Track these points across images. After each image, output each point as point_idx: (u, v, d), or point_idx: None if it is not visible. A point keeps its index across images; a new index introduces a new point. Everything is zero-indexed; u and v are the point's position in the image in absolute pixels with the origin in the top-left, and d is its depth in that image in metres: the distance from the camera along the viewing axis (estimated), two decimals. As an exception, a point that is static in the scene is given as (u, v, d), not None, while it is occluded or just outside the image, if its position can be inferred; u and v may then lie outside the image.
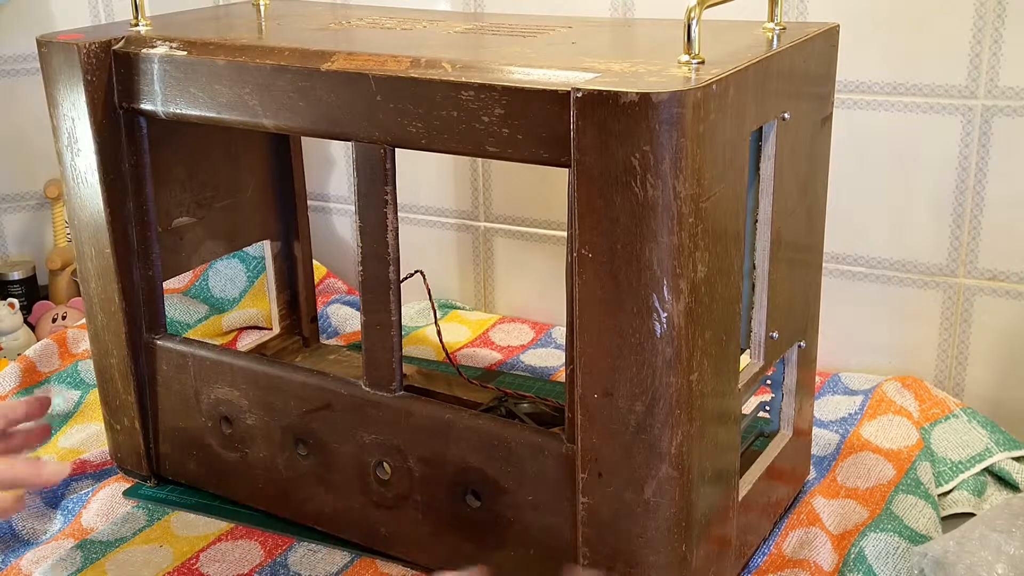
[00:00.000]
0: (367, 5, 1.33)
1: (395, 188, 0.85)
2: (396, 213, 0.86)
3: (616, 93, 0.69)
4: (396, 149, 0.84)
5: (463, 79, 0.78)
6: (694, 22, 0.75)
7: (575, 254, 0.74)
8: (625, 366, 0.75)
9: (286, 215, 1.20)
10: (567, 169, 0.75)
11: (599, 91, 0.70)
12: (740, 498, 0.87)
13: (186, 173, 1.07)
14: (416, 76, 0.80)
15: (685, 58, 0.75)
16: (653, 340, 0.73)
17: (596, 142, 0.71)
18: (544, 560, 0.85)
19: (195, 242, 1.11)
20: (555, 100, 0.74)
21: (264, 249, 1.22)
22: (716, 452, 0.81)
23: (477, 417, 0.87)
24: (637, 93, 0.69)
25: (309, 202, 1.50)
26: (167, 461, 1.05)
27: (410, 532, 0.92)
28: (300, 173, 1.20)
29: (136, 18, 0.99)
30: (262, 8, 1.11)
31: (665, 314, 0.73)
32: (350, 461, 0.93)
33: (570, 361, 0.79)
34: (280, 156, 1.18)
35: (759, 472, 0.91)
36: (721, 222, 0.75)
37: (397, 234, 0.86)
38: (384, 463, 0.91)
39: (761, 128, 0.83)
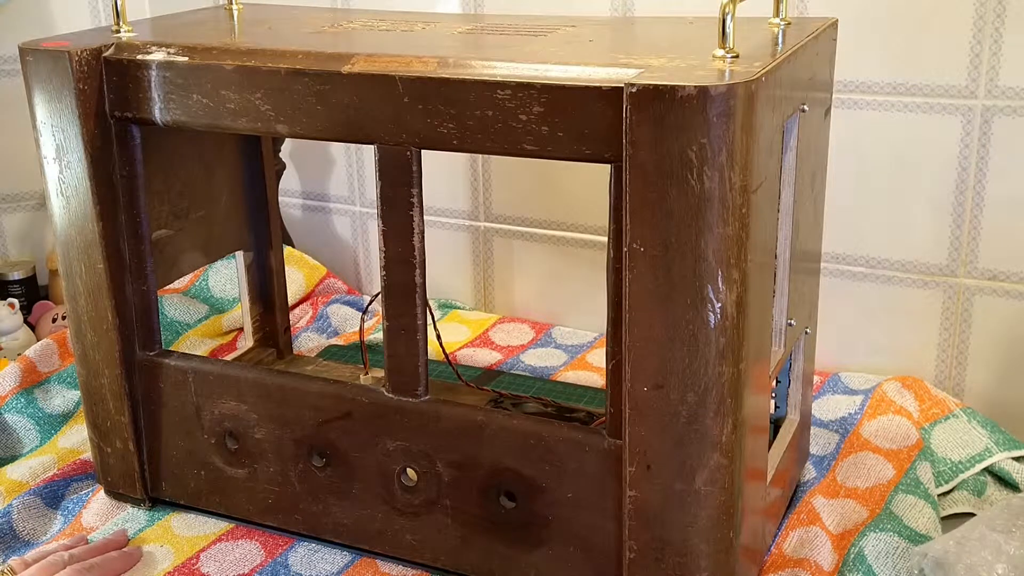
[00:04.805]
0: (356, 8, 1.31)
1: (421, 190, 0.84)
2: (422, 215, 0.85)
3: (673, 87, 0.70)
4: (423, 151, 0.83)
5: (499, 78, 0.78)
6: (728, 17, 0.76)
7: (625, 249, 0.75)
8: (677, 358, 0.75)
9: (258, 225, 1.18)
10: (608, 165, 0.76)
11: (655, 85, 0.70)
12: (769, 480, 0.89)
13: (163, 184, 1.04)
14: (447, 76, 0.79)
15: (720, 52, 0.76)
16: (707, 331, 0.74)
17: (650, 136, 0.71)
18: (584, 556, 0.85)
19: (173, 255, 1.07)
20: (599, 96, 0.74)
21: (236, 260, 1.18)
22: (755, 438, 0.82)
23: (512, 417, 0.87)
24: (695, 87, 0.69)
25: (309, 202, 1.47)
26: (164, 482, 1.01)
27: (439, 538, 0.90)
28: (273, 182, 1.18)
29: (118, 24, 0.95)
30: (235, 13, 1.08)
31: (719, 304, 0.74)
32: (372, 470, 0.91)
33: (615, 356, 0.79)
34: (251, 165, 1.15)
35: (779, 453, 0.93)
36: (765, 211, 0.77)
37: (423, 237, 0.85)
38: (408, 470, 0.90)
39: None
